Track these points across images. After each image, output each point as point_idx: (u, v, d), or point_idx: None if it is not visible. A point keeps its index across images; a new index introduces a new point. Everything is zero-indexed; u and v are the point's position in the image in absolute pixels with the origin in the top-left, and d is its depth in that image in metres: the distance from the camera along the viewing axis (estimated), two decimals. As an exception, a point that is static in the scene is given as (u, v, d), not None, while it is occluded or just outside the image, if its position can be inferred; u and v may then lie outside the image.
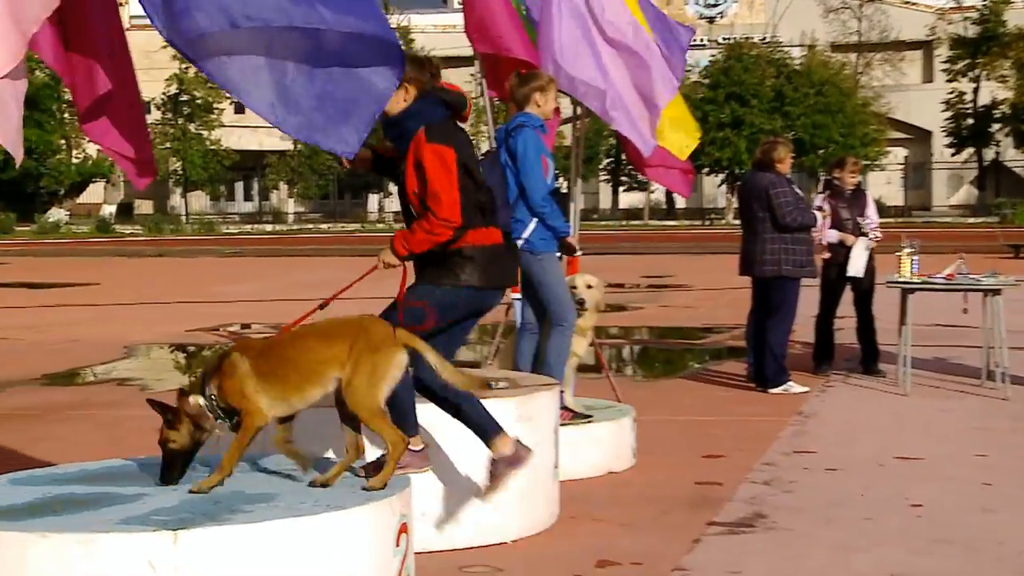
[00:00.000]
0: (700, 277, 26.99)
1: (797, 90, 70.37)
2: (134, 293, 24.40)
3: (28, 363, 14.20)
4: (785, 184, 11.33)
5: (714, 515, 6.91)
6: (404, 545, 5.20)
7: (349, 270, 25.05)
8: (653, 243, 45.85)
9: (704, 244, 42.57)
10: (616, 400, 9.22)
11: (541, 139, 8.12)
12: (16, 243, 52.05)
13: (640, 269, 30.07)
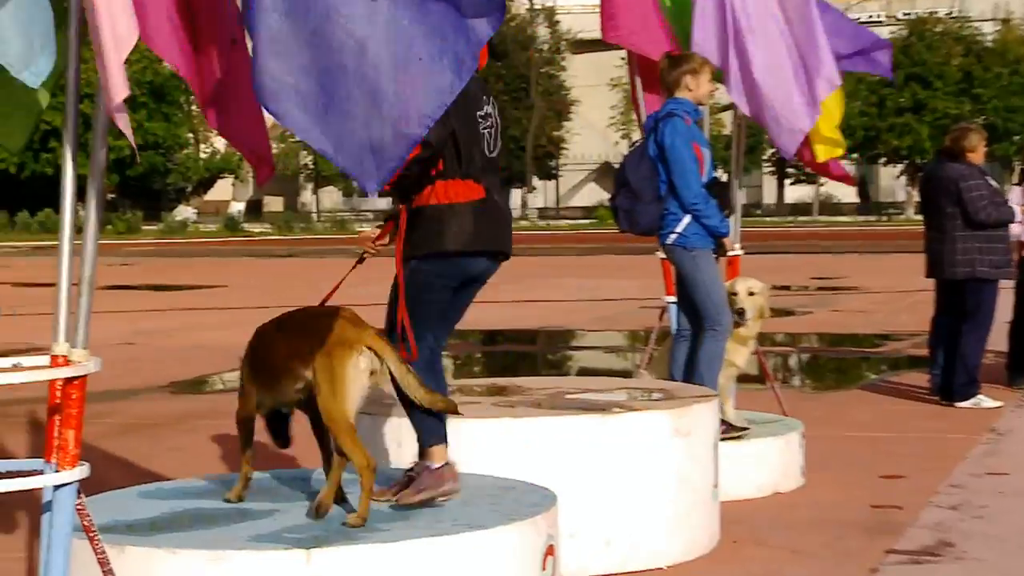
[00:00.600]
0: (876, 279, 26.64)
1: (988, 70, 69.15)
2: (263, 296, 24.75)
3: (154, 370, 14.51)
4: (978, 176, 11.11)
5: (894, 542, 6.82)
6: (551, 568, 5.22)
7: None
8: (823, 241, 45.34)
9: (880, 242, 42.00)
10: (782, 414, 9.15)
11: (694, 127, 8.08)
12: (142, 243, 53.22)
13: (809, 270, 29.77)
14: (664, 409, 6.64)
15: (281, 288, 26.20)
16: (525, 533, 5.11)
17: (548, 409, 6.71)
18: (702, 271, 8.05)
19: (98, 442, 9.72)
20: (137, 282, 30.06)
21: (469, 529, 5.01)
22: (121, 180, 64.47)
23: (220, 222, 67.03)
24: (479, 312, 5.68)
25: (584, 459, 6.31)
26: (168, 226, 63.72)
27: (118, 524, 5.13)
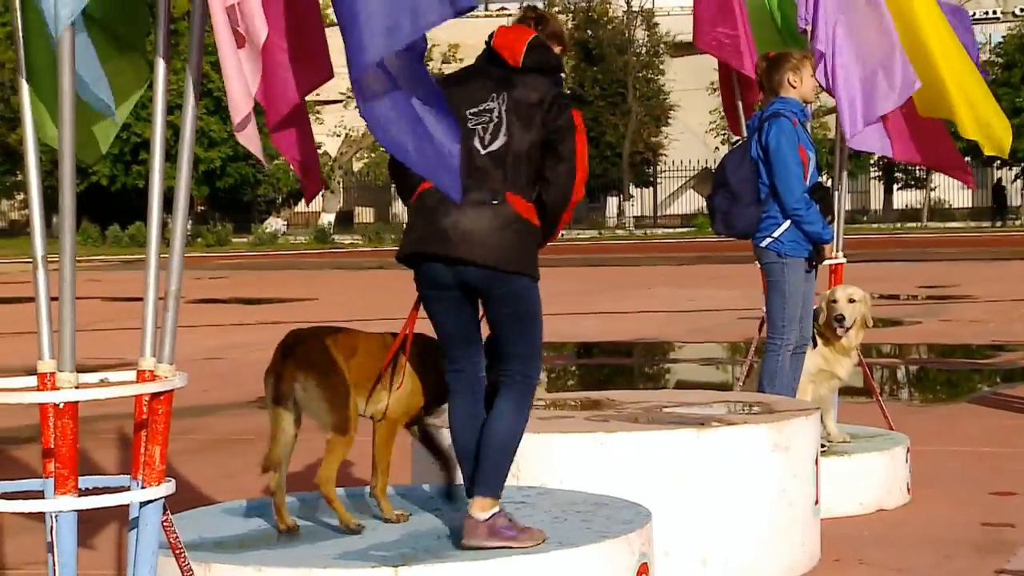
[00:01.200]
0: (990, 287, 26.28)
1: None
2: (353, 308, 24.87)
3: (243, 385, 14.62)
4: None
5: (1006, 561, 6.77)
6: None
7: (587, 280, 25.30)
8: (933, 248, 44.81)
9: (995, 249, 41.45)
10: (888, 427, 9.08)
11: (801, 128, 8.04)
12: (232, 256, 53.58)
13: (918, 278, 29.45)
14: (763, 423, 6.63)
15: (371, 300, 26.30)
16: (618, 551, 5.13)
17: (643, 423, 6.72)
18: (787, 281, 8.03)
19: (185, 458, 9.85)
20: (226, 295, 30.30)
21: (561, 547, 5.04)
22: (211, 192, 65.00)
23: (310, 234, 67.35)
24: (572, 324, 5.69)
25: (680, 475, 6.31)
26: (258, 238, 64.07)
27: (204, 541, 5.22)
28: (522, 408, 5.30)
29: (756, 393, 8.10)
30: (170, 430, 3.90)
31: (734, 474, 6.39)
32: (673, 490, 6.25)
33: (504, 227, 5.15)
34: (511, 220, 5.16)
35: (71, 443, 3.65)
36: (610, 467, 6.28)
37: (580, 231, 71.03)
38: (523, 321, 5.30)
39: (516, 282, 5.20)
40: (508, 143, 5.22)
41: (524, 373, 5.31)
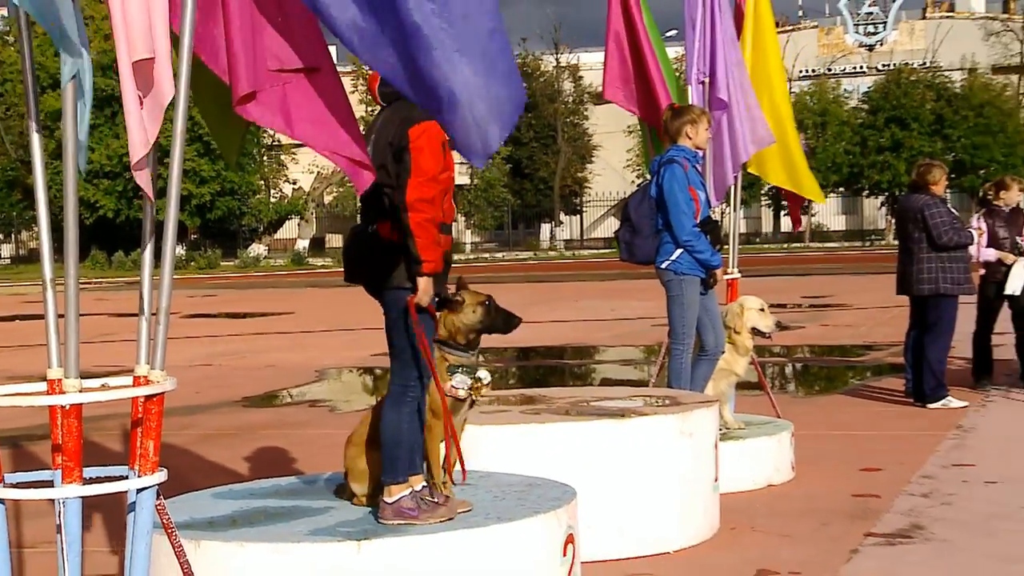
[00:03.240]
0: (860, 297, 26.51)
1: (957, 112, 68.72)
2: (325, 321, 24.87)
3: (230, 387, 14.58)
4: (940, 205, 11.13)
5: (872, 526, 6.82)
6: (571, 555, 5.25)
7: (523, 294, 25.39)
8: (814, 264, 45.12)
9: (864, 265, 41.75)
10: (776, 416, 9.15)
11: (693, 171, 8.10)
12: (221, 277, 53.41)
13: (801, 290, 29.64)
14: (671, 414, 6.65)
15: (341, 314, 26.25)
16: (548, 524, 5.14)
17: (571, 416, 6.72)
18: (685, 295, 8.09)
19: (179, 450, 9.81)
20: (216, 311, 30.18)
21: (499, 521, 5.05)
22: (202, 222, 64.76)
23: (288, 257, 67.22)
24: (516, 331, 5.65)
25: (601, 459, 6.34)
26: (243, 262, 63.96)
27: (195, 521, 5.19)
28: (398, 408, 5.18)
29: (665, 388, 8.13)
30: (165, 426, 3.89)
31: (647, 457, 6.42)
32: (596, 472, 6.26)
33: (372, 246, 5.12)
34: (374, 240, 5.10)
35: (76, 439, 3.64)
36: (542, 453, 6.29)
37: (518, 252, 71.21)
38: (390, 332, 5.23)
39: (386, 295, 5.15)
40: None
41: (398, 379, 5.22)
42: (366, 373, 16.48)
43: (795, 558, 6.20)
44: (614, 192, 73.19)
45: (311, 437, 10.49)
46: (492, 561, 4.94)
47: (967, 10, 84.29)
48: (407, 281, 5.05)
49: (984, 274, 11.95)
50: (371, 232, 5.11)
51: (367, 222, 5.19)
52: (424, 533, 4.93)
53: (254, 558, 4.77)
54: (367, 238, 5.14)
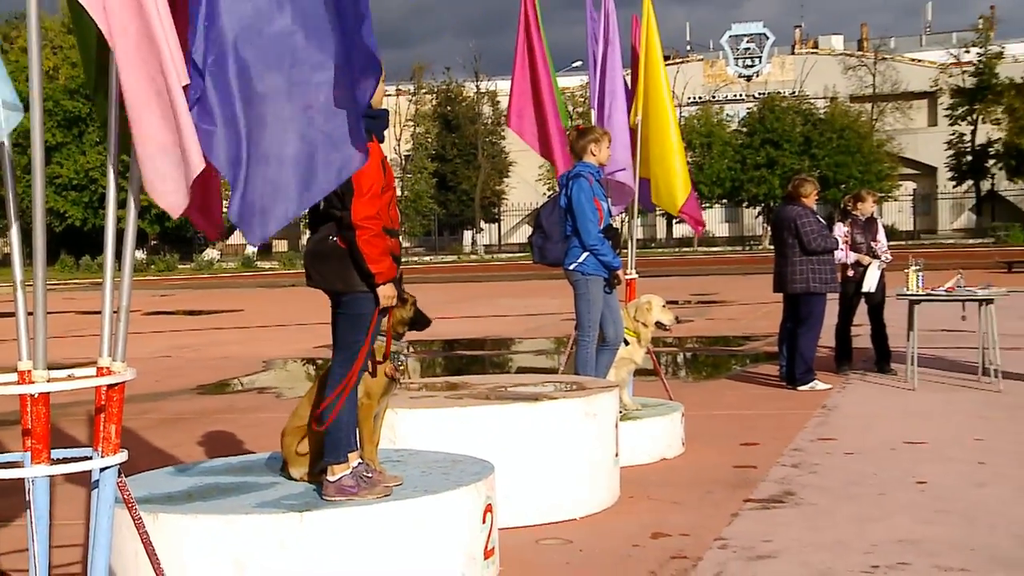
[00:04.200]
0: (741, 294, 26.79)
1: (822, 135, 69.67)
2: (272, 318, 24.67)
3: (186, 376, 14.42)
4: (810, 215, 11.27)
5: (750, 493, 6.88)
6: (489, 522, 5.24)
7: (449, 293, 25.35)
8: (702, 267, 45.53)
9: (744, 266, 42.18)
10: (669, 398, 9.21)
11: (596, 184, 8.13)
12: (178, 278, 52.82)
13: (691, 289, 29.89)
14: (577, 398, 6.66)
15: (286, 311, 26.10)
16: (469, 495, 5.13)
17: (491, 400, 6.71)
18: (590, 292, 8.12)
19: (141, 433, 9.67)
20: (174, 309, 29.88)
21: (426, 494, 5.03)
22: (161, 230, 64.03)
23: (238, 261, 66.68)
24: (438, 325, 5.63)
25: (516, 438, 6.34)
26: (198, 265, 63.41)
27: (154, 496, 5.11)
28: (338, 396, 5.10)
29: (573, 375, 8.15)
30: (127, 412, 3.81)
31: (557, 436, 6.44)
32: (511, 449, 6.26)
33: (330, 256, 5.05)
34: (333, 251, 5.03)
35: (44, 424, 3.56)
36: (465, 433, 6.27)
37: (444, 256, 71.06)
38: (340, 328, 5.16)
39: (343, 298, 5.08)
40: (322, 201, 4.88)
41: (340, 369, 5.13)
42: (308, 363, 16.35)
43: (684, 522, 6.23)
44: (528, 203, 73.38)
45: (260, 420, 10.39)
46: (420, 529, 4.92)
47: (829, 47, 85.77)
48: (362, 285, 5.01)
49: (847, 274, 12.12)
50: (331, 242, 5.05)
51: (327, 233, 5.09)
52: (360, 505, 4.90)
53: (207, 529, 4.70)
54: (327, 247, 5.07)
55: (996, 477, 7.16)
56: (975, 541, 5.69)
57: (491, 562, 5.26)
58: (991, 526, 5.97)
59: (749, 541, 5.79)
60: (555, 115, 9.28)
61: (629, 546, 5.80)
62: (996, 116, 68.57)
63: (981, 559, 5.38)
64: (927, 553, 5.48)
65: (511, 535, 5.84)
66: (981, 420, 9.31)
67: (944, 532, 5.87)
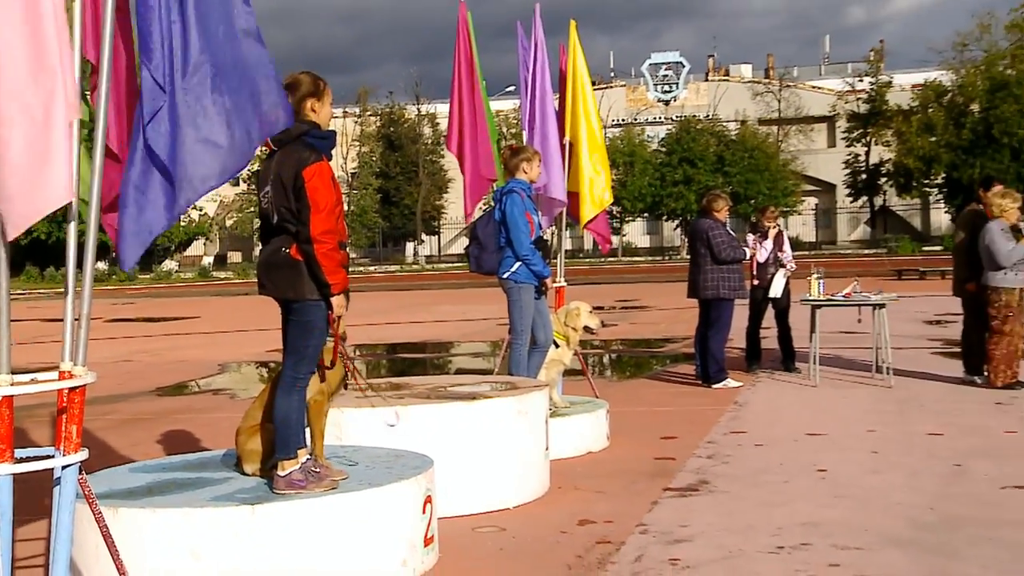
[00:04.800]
0: (661, 300, 26.97)
1: (733, 155, 70.40)
2: (226, 324, 24.43)
3: (146, 379, 14.23)
4: (721, 227, 11.37)
5: (669, 483, 6.90)
6: (429, 512, 5.22)
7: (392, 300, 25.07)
8: (625, 275, 45.81)
9: (664, 275, 42.50)
10: (595, 396, 9.22)
11: (528, 199, 8.15)
12: (139, 288, 52.18)
13: (615, 295, 30.05)
14: (511, 396, 6.65)
15: (239, 318, 25.85)
16: (410, 487, 5.11)
17: (430, 399, 6.69)
18: (522, 300, 8.13)
19: (102, 433, 9.51)
20: (134, 316, 29.49)
21: (371, 486, 5.00)
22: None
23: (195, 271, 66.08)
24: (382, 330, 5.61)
25: (454, 434, 6.32)
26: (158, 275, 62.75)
27: (114, 491, 5.04)
28: (288, 396, 5.05)
29: (507, 376, 8.15)
30: (89, 413, 3.77)
31: (491, 432, 6.42)
32: (450, 444, 6.24)
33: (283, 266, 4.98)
34: (285, 261, 4.97)
35: (8, 425, 3.50)
36: (407, 430, 6.24)
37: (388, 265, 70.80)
38: (291, 333, 5.09)
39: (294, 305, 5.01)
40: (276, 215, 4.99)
41: (291, 372, 5.08)
42: (261, 366, 16.19)
43: (609, 510, 6.24)
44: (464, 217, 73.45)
45: (215, 420, 10.26)
46: (365, 519, 4.89)
47: (739, 75, 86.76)
48: (313, 294, 4.96)
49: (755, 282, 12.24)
50: (284, 253, 4.99)
51: (280, 245, 5.03)
52: (308, 497, 4.85)
53: (164, 521, 4.64)
54: (280, 258, 5.00)
55: (887, 465, 7.25)
56: (869, 523, 5.76)
57: (431, 549, 5.24)
58: (883, 509, 6.05)
59: (668, 526, 5.82)
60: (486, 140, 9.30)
61: (558, 533, 5.80)
62: (887, 138, 69.66)
63: (874, 539, 5.45)
64: (826, 535, 5.54)
65: (449, 524, 5.82)
66: (874, 413, 9.42)
67: (841, 515, 5.93)
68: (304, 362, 5.06)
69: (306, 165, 4.89)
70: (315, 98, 5.13)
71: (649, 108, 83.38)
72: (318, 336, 5.04)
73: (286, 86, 4.97)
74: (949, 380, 11.08)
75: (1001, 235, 10.22)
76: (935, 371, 11.81)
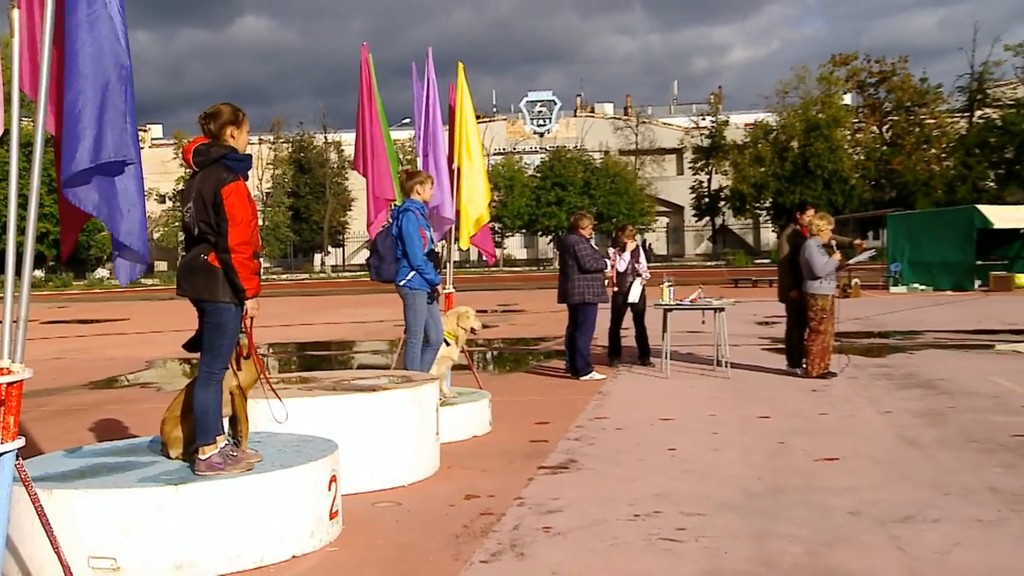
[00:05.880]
0: (536, 305, 27.11)
1: (598, 180, 71.32)
2: (154, 325, 23.77)
3: (79, 374, 13.75)
4: (585, 242, 11.47)
5: (542, 462, 6.92)
6: (334, 490, 5.16)
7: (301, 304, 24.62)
8: (505, 282, 45.96)
9: (539, 283, 42.82)
10: (479, 388, 9.21)
11: (421, 217, 8.15)
12: (74, 293, 50.48)
13: (497, 300, 30.11)
14: (406, 388, 6.61)
15: (164, 321, 25.19)
16: (317, 468, 5.05)
17: (335, 391, 6.61)
18: (416, 304, 8.11)
19: (38, 422, 9.14)
20: (69, 318, 28.47)
21: (282, 468, 4.93)
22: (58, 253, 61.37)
23: (126, 278, 64.36)
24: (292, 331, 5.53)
25: (357, 421, 6.26)
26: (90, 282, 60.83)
27: (49, 475, 4.86)
28: (207, 388, 4.96)
29: (402, 371, 8.10)
30: (27, 405, 3.63)
31: (389, 420, 6.37)
32: (352, 431, 6.18)
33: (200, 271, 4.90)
34: (202, 266, 4.89)
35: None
36: (313, 417, 6.16)
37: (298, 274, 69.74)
38: (208, 333, 5.00)
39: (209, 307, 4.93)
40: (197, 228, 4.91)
41: (207, 367, 4.98)
42: (184, 362, 15.79)
43: (491, 486, 6.25)
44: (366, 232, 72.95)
45: (142, 410, 9.98)
46: (277, 496, 4.81)
47: (602, 112, 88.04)
48: (227, 297, 4.89)
49: (615, 289, 12.39)
50: (202, 259, 4.89)
51: (199, 252, 4.93)
52: (227, 478, 4.76)
53: (95, 501, 4.50)
54: (198, 263, 4.90)
55: (725, 443, 7.39)
56: (709, 492, 5.87)
57: (335, 522, 5.18)
58: (721, 481, 6.17)
59: (541, 499, 5.84)
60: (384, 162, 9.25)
61: (447, 506, 5.78)
62: (725, 168, 71.43)
63: (713, 506, 5.57)
64: (675, 504, 5.63)
65: (352, 500, 5.77)
66: (715, 400, 9.57)
67: (688, 487, 6.04)
68: (219, 359, 4.98)
69: (225, 184, 4.85)
70: (234, 126, 5.08)
71: (526, 139, 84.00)
72: (231, 336, 4.97)
73: (209, 114, 5.03)
74: (775, 372, 11.37)
75: (818, 251, 10.56)
76: (764, 364, 12.08)
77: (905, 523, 5.14)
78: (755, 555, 4.69)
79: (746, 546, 4.83)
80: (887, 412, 8.54)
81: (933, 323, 17.72)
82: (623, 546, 4.88)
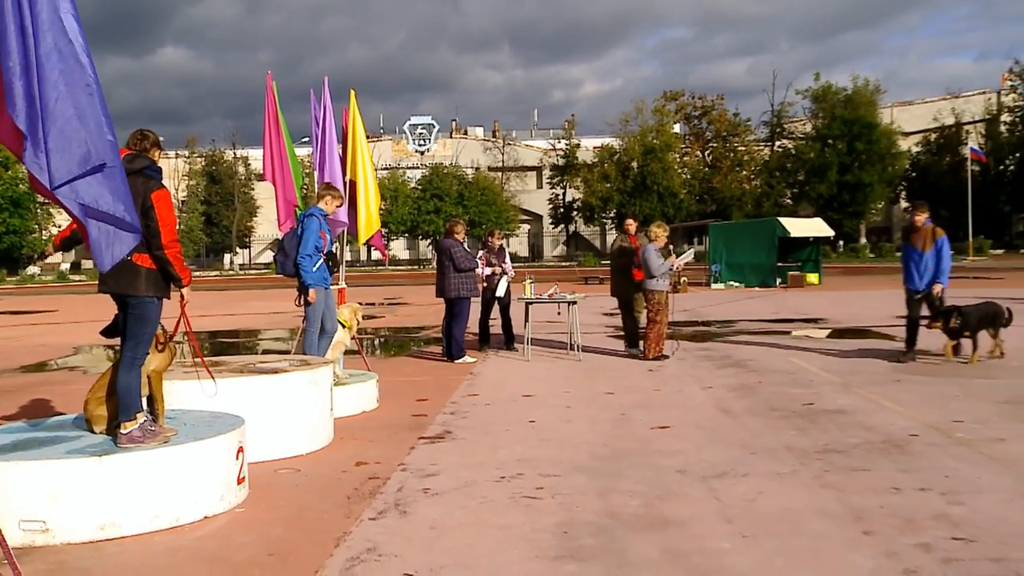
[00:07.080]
0: (417, 298, 26.96)
1: (470, 192, 71.35)
2: (80, 316, 22.63)
3: (11, 359, 13.00)
4: (459, 245, 11.48)
5: (422, 433, 6.91)
6: (241, 459, 5.07)
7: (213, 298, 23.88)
8: (391, 279, 45.54)
9: (419, 279, 42.60)
10: (368, 370, 9.13)
11: (322, 221, 8.06)
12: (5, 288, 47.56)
13: (383, 294, 29.82)
14: (304, 371, 6.51)
15: (90, 311, 24.01)
16: (226, 441, 4.95)
17: (243, 373, 6.46)
18: (317, 296, 7.98)
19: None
20: (2, 310, 26.82)
21: (195, 440, 4.81)
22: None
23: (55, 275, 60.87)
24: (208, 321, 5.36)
25: (262, 399, 6.14)
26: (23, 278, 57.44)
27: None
28: (129, 371, 4.85)
29: (301, 355, 7.97)
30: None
31: (289, 398, 6.27)
32: (258, 407, 6.06)
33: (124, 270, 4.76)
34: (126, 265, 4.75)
35: None
36: (223, 396, 6.01)
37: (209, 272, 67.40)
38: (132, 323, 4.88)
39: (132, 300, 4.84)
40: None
41: (130, 353, 4.87)
42: (107, 348, 15.10)
43: (378, 454, 6.22)
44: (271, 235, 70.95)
45: (70, 391, 9.51)
46: (190, 465, 4.69)
47: (474, 135, 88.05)
48: (148, 292, 4.81)
49: (485, 285, 12.44)
50: (128, 260, 4.74)
51: None
52: (146, 450, 4.61)
53: (25, 472, 4.30)
54: (124, 263, 4.73)
55: (577, 416, 7.48)
56: (564, 457, 5.98)
57: (243, 487, 5.08)
58: (574, 447, 6.28)
59: (421, 465, 5.84)
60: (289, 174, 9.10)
61: (340, 472, 5.74)
62: (576, 184, 72.55)
63: (567, 468, 5.67)
64: (534, 467, 5.72)
65: (257, 467, 5.67)
66: (568, 379, 9.65)
67: (546, 453, 6.12)
68: (141, 346, 4.88)
69: (155, 190, 4.85)
70: (156, 147, 5.12)
71: (409, 157, 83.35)
72: (151, 325, 4.88)
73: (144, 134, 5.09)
74: (618, 354, 11.62)
75: (655, 254, 10.86)
76: (609, 348, 12.32)
77: (721, 478, 5.36)
78: (601, 508, 4.82)
79: (594, 501, 4.95)
80: (708, 387, 8.80)
81: (744, 314, 18.42)
82: (491, 503, 4.94)
